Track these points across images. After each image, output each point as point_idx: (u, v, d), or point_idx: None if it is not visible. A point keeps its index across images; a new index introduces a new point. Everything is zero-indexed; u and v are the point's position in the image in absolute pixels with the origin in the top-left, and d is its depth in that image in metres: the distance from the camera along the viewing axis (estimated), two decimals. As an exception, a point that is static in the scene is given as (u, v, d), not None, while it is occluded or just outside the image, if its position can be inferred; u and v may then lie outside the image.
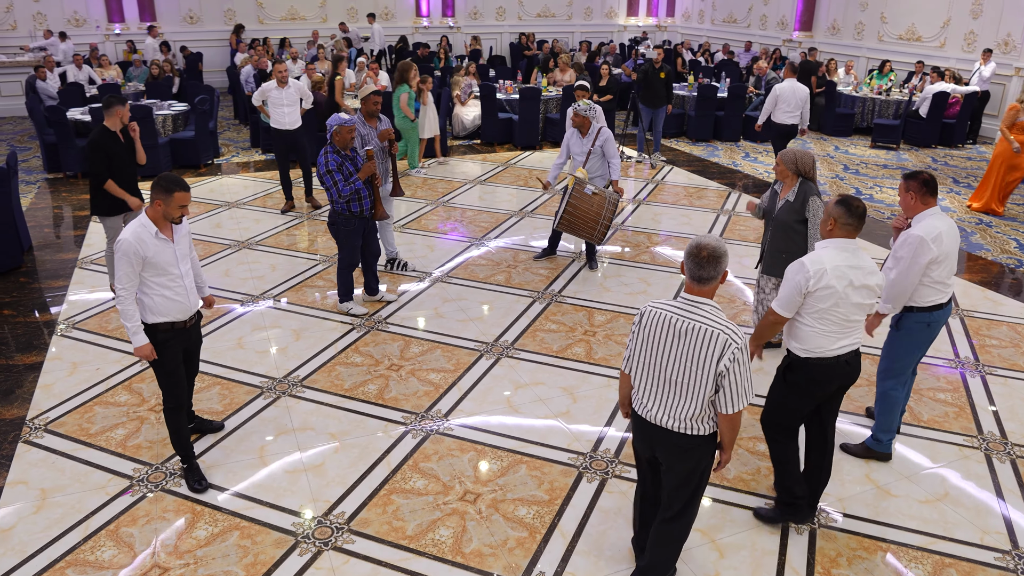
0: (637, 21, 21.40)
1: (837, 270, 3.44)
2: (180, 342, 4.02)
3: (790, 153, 5.04)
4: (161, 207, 3.79)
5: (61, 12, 16.15)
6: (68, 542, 3.74)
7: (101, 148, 5.77)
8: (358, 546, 3.72)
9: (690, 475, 3.16)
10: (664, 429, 3.09)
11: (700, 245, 2.94)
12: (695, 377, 2.95)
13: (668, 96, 11.13)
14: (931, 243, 3.95)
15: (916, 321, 4.18)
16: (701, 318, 2.94)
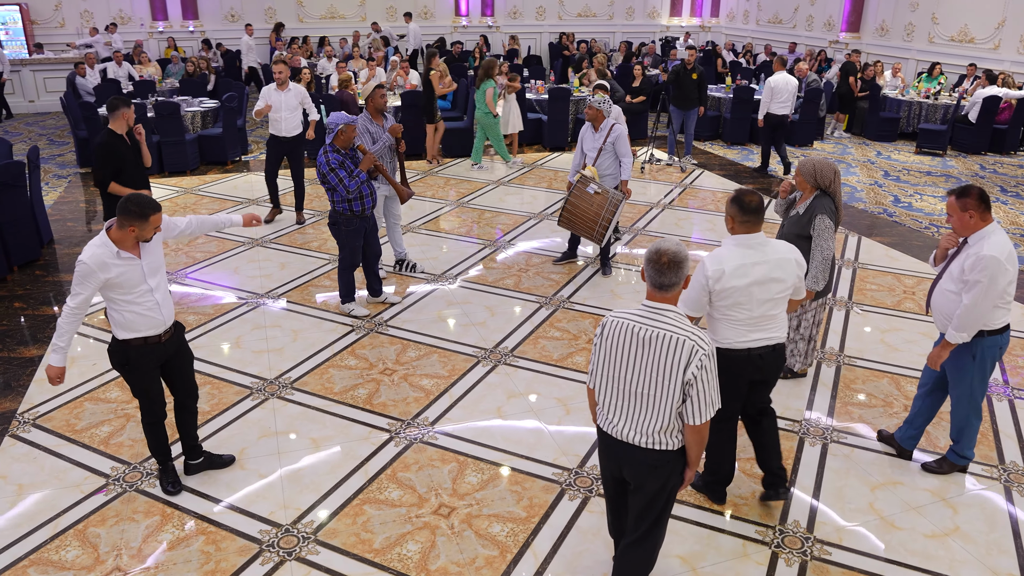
0: (680, 21, 21.00)
1: (739, 269, 3.42)
2: (155, 358, 3.80)
3: (809, 164, 4.73)
4: (135, 232, 3.57)
5: (107, 10, 16.53)
6: (35, 540, 3.71)
7: (107, 152, 5.61)
8: (321, 557, 3.60)
9: (658, 495, 2.99)
10: (631, 445, 2.93)
11: (660, 251, 2.81)
12: (661, 387, 2.81)
13: (700, 98, 10.83)
14: (1005, 262, 3.70)
15: (990, 346, 3.92)
16: (665, 325, 2.81)
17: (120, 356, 3.77)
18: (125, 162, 5.67)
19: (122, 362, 3.79)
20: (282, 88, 7.79)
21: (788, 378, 5.23)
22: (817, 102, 12.14)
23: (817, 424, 4.73)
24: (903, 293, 6.72)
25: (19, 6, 15.25)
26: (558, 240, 7.72)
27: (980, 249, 3.73)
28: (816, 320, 5.01)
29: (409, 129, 11.15)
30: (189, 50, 16.96)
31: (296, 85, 7.94)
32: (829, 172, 4.68)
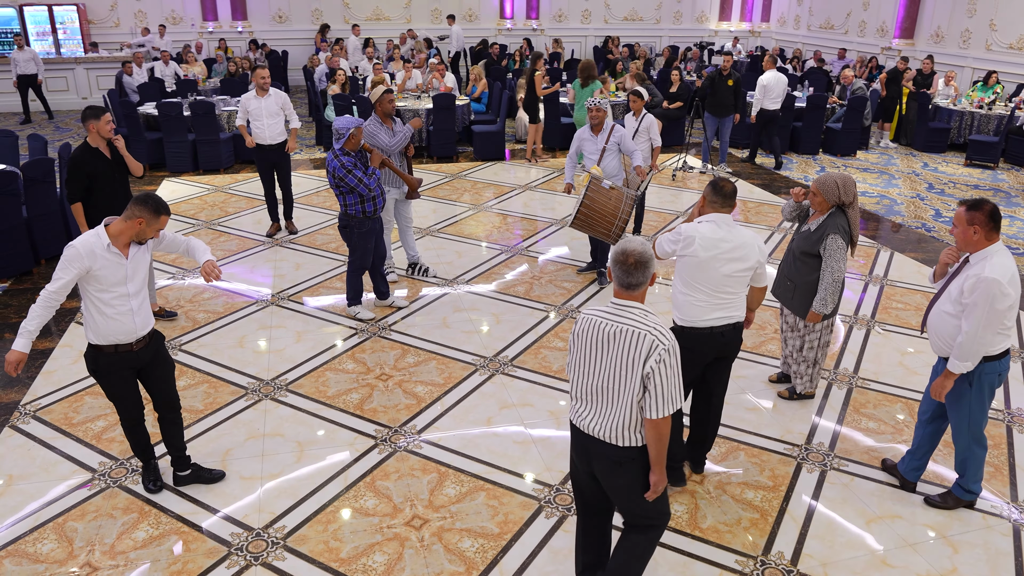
0: (729, 26, 20.61)
1: (707, 240, 3.73)
2: (127, 366, 3.75)
3: (831, 181, 4.49)
4: (142, 225, 3.59)
5: (160, 10, 17.01)
6: (16, 531, 3.78)
7: (75, 167, 5.24)
8: (287, 564, 3.59)
9: (629, 494, 3.03)
10: (598, 440, 2.98)
11: (626, 252, 2.88)
12: (624, 381, 2.87)
13: (736, 105, 10.57)
14: (1007, 286, 3.48)
15: (989, 372, 3.70)
16: (629, 321, 2.88)
17: (91, 362, 3.74)
18: (98, 177, 5.29)
19: (92, 368, 3.76)
20: (262, 94, 7.46)
21: (793, 399, 5.04)
22: (861, 111, 11.74)
23: (818, 450, 4.53)
24: (931, 313, 6.40)
25: (76, 6, 15.81)
26: (576, 247, 7.61)
27: (982, 270, 3.52)
28: (822, 342, 4.80)
29: (439, 132, 11.20)
30: (238, 50, 17.34)
31: (277, 91, 7.60)
32: (853, 187, 4.48)
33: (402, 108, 11.33)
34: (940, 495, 4.09)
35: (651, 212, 8.84)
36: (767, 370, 5.41)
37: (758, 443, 4.59)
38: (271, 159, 7.67)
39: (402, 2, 18.81)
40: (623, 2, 19.96)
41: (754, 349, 5.71)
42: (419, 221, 8.43)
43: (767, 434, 4.68)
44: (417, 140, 11.52)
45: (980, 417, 3.82)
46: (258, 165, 7.77)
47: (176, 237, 4.00)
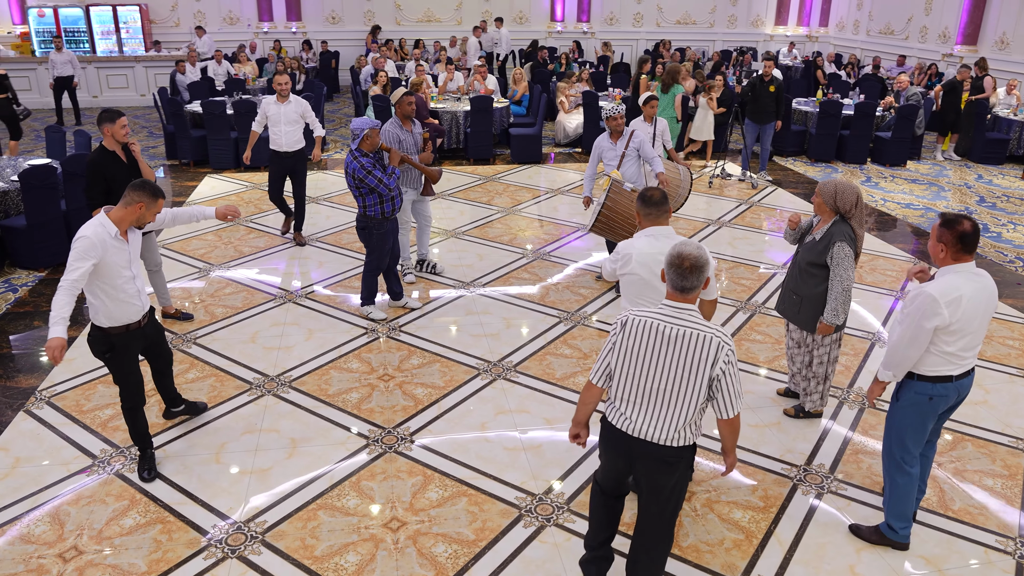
0: (786, 30, 20.13)
1: (644, 257, 3.66)
2: (136, 343, 4.05)
3: (830, 185, 4.40)
4: (142, 210, 3.82)
5: (218, 11, 17.54)
6: (13, 512, 3.94)
7: (94, 171, 5.28)
8: (262, 559, 3.65)
9: (671, 492, 3.07)
10: (647, 442, 2.99)
11: (683, 255, 2.90)
12: (687, 383, 2.90)
13: (778, 111, 10.31)
14: (943, 306, 3.29)
15: (916, 392, 3.51)
16: (691, 324, 2.90)
17: (103, 344, 3.96)
18: (115, 180, 5.25)
19: (105, 349, 3.97)
20: (282, 100, 7.36)
21: (800, 418, 4.89)
22: (912, 119, 11.32)
23: (817, 471, 4.38)
24: (961, 333, 6.13)
25: (139, 6, 16.42)
26: (597, 253, 7.54)
27: (928, 284, 3.36)
28: (832, 357, 4.64)
29: (476, 134, 11.23)
30: (292, 51, 17.74)
31: (298, 99, 7.51)
32: (851, 196, 4.34)
33: (440, 110, 11.43)
34: (868, 526, 3.89)
35: (681, 219, 8.70)
36: (775, 385, 5.27)
37: (755, 461, 4.47)
38: (287, 166, 7.51)
39: (453, 4, 18.96)
40: (676, 5, 19.71)
41: (764, 363, 5.56)
42: (446, 223, 8.48)
43: (766, 452, 4.55)
44: (454, 142, 11.59)
45: (905, 439, 3.60)
46: (271, 170, 7.60)
47: (179, 210, 4.34)
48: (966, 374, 3.51)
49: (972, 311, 3.34)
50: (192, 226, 8.32)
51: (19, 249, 6.96)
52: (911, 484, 3.68)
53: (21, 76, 14.76)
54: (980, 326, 3.41)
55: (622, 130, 6.55)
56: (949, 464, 4.48)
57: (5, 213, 7.02)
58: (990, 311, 3.42)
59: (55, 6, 15.86)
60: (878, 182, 10.77)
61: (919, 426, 3.57)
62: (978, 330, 3.42)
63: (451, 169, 10.90)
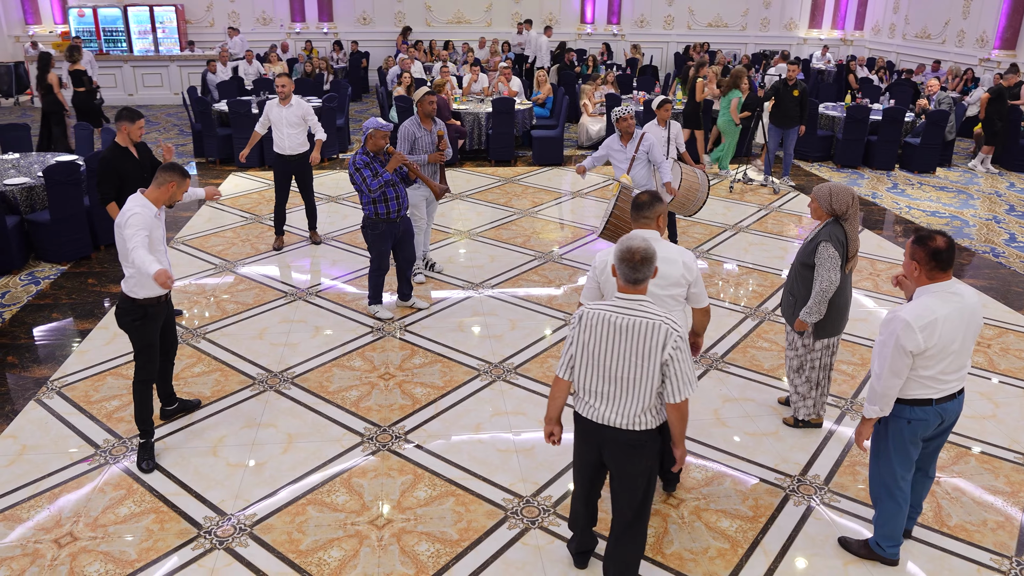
0: (820, 34, 19.82)
1: None
2: (161, 314, 4.35)
3: (824, 189, 4.36)
4: (173, 188, 4.21)
5: (252, 11, 17.84)
6: (16, 497, 4.07)
7: (106, 168, 5.47)
8: (248, 551, 3.72)
9: (639, 476, 3.19)
10: (612, 428, 3.13)
11: (632, 250, 3.02)
12: (641, 370, 3.02)
13: (802, 116, 10.17)
14: (917, 331, 3.18)
15: (895, 415, 3.41)
16: (641, 313, 3.02)
17: (137, 312, 4.22)
18: (128, 177, 5.46)
19: (138, 317, 4.23)
20: (284, 103, 7.30)
21: (799, 427, 4.83)
22: (942, 125, 11.08)
23: (811, 483, 4.33)
24: (976, 345, 6.00)
25: (175, 6, 16.77)
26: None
27: (901, 308, 3.27)
28: (822, 364, 4.58)
29: (498, 136, 11.26)
30: (323, 51, 17.96)
31: (300, 101, 7.41)
32: (846, 197, 4.28)
33: (462, 111, 11.49)
34: (858, 540, 3.82)
35: (699, 224, 8.64)
36: (777, 393, 5.21)
37: (748, 470, 4.42)
38: (290, 169, 7.47)
39: (483, 6, 19.03)
40: (708, 8, 19.53)
41: (768, 371, 5.50)
42: (461, 224, 8.53)
43: (760, 461, 4.50)
44: (476, 143, 11.64)
45: (889, 467, 3.50)
46: (276, 174, 7.53)
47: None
48: (950, 398, 3.39)
49: (950, 333, 3.23)
50: (213, 223, 8.49)
51: (43, 243, 7.17)
52: (898, 508, 3.59)
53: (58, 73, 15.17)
54: (962, 347, 3.30)
55: (632, 132, 6.53)
56: (949, 479, 4.39)
57: (31, 208, 7.23)
58: (973, 330, 3.31)
59: (94, 6, 16.28)
60: (905, 189, 10.56)
61: (902, 450, 3.47)
62: (960, 351, 3.30)
63: (472, 170, 10.96)
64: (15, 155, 8.38)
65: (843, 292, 4.43)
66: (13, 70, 15.72)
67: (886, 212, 9.51)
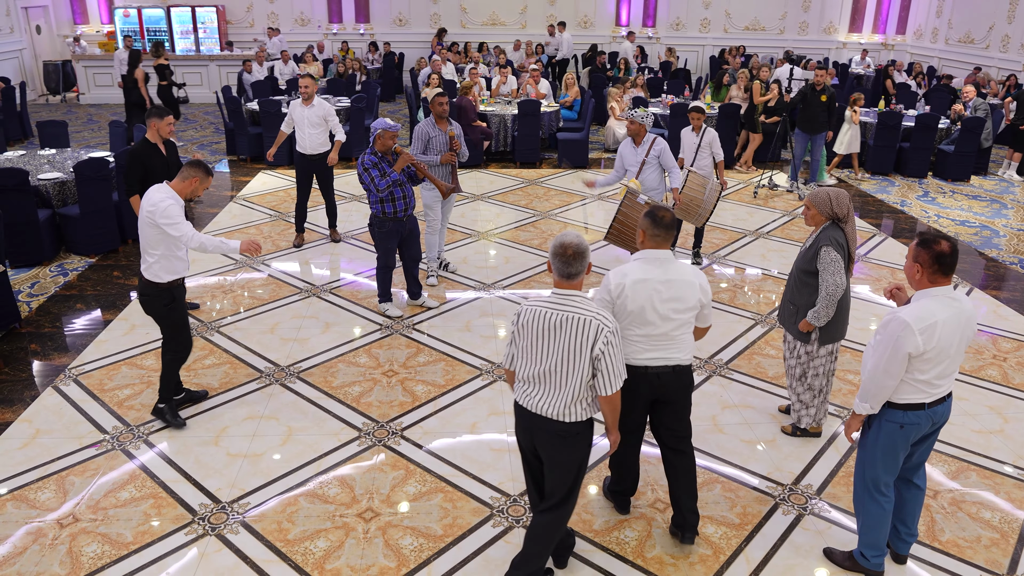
0: (860, 38, 19.46)
1: (639, 284, 3.47)
2: (184, 294, 4.74)
3: (823, 194, 4.32)
4: (195, 183, 4.50)
5: (290, 11, 18.18)
6: (25, 479, 4.26)
7: (133, 161, 5.70)
8: (238, 538, 3.83)
9: (569, 465, 3.29)
10: (544, 418, 3.22)
11: (565, 245, 3.10)
12: (573, 364, 3.12)
13: (830, 121, 10.04)
14: (917, 333, 3.16)
15: (887, 419, 3.39)
16: (573, 309, 3.11)
17: (166, 296, 4.56)
18: (153, 172, 5.65)
19: (169, 300, 4.58)
20: (306, 103, 7.48)
21: (797, 436, 4.79)
22: (978, 132, 10.81)
23: (803, 492, 4.29)
24: (991, 358, 5.88)
25: (216, 7, 17.18)
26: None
27: (901, 310, 3.24)
28: (825, 371, 4.54)
29: (523, 137, 11.31)
30: (359, 51, 18.23)
31: (322, 101, 7.58)
32: (846, 200, 4.28)
33: (489, 113, 11.57)
34: (842, 551, 3.78)
35: (720, 229, 8.59)
36: (778, 401, 5.17)
37: (740, 477, 4.41)
38: (312, 168, 7.66)
39: (518, 8, 19.10)
40: (745, 11, 19.32)
41: (772, 379, 5.46)
42: (480, 225, 8.61)
43: (753, 469, 4.48)
44: (502, 145, 11.71)
45: (877, 465, 3.46)
46: (297, 173, 7.73)
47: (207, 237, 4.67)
48: (940, 401, 3.38)
49: (948, 337, 3.22)
50: (239, 219, 8.70)
51: (73, 236, 7.44)
52: (882, 513, 3.55)
53: (104, 72, 15.68)
54: (956, 353, 3.28)
55: (642, 136, 6.54)
56: (947, 493, 4.32)
57: (63, 202, 7.51)
58: (967, 337, 3.29)
59: (139, 7, 16.77)
60: (936, 197, 10.34)
61: (891, 454, 3.45)
62: (954, 357, 3.29)
63: (497, 172, 11.03)
64: (51, 151, 8.70)
65: (844, 297, 4.40)
66: (60, 68, 16.28)
67: (913, 221, 9.33)
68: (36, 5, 16.71)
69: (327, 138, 7.68)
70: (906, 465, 3.58)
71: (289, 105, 7.71)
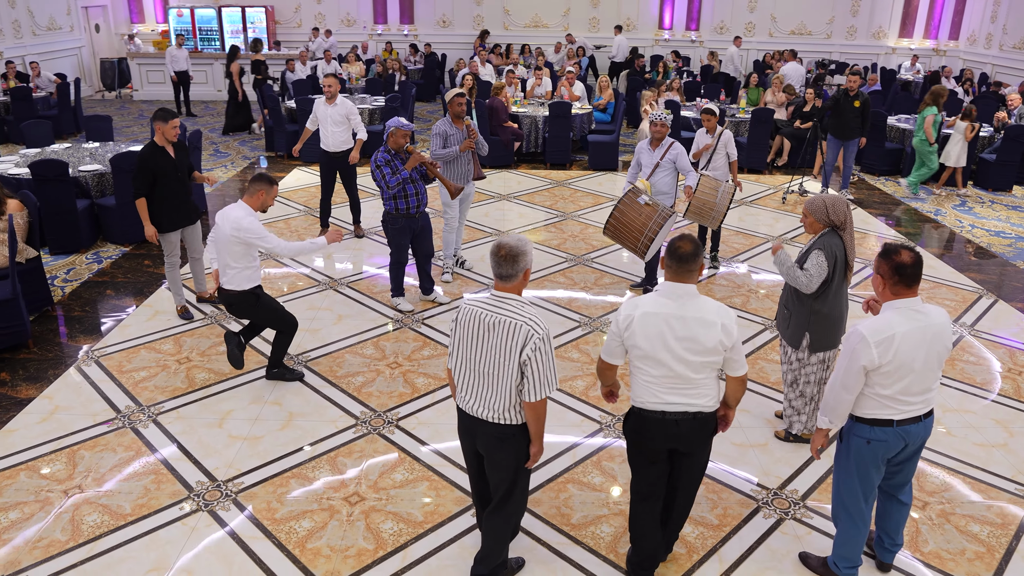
0: (910, 43, 18.98)
1: (649, 317, 3.17)
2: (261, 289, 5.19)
3: (819, 201, 4.30)
4: (263, 196, 4.87)
5: (337, 12, 18.60)
6: (40, 451, 4.52)
7: (141, 164, 5.72)
8: (228, 514, 4.02)
9: (507, 465, 3.30)
10: (481, 420, 3.24)
11: (499, 245, 3.13)
12: (503, 368, 3.11)
13: (863, 128, 9.87)
14: (873, 346, 3.11)
15: (855, 434, 3.35)
16: (507, 312, 3.09)
17: (251, 297, 5.02)
18: (163, 174, 5.77)
19: (253, 301, 5.04)
20: (330, 102, 7.72)
21: (789, 441, 4.78)
22: (1022, 141, 10.49)
23: (788, 497, 4.29)
24: (1007, 371, 5.75)
25: (265, 8, 17.67)
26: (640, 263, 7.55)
27: (861, 322, 3.21)
28: (818, 379, 4.52)
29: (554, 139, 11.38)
30: (403, 52, 18.53)
31: (344, 101, 7.81)
32: (843, 207, 4.25)
33: (520, 114, 11.68)
34: (817, 557, 3.75)
35: (739, 233, 8.54)
36: (775, 405, 5.15)
37: (726, 480, 4.42)
38: (335, 165, 7.90)
39: (560, 10, 19.18)
40: (791, 15, 19.04)
41: (772, 385, 5.44)
42: (502, 224, 8.72)
43: (742, 472, 4.49)
44: (533, 146, 11.81)
45: (849, 486, 3.42)
46: (321, 169, 8.00)
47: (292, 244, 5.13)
48: (915, 420, 3.30)
49: (909, 351, 3.14)
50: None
51: (110, 225, 7.80)
52: (856, 531, 3.51)
53: (156, 69, 16.27)
54: (925, 367, 3.19)
55: (662, 138, 6.57)
56: (936, 505, 4.27)
57: (101, 192, 7.88)
58: (936, 351, 3.20)
59: (192, 7, 17.36)
60: (973, 207, 10.07)
61: (862, 471, 3.39)
62: (923, 372, 3.20)
63: (526, 172, 11.13)
64: (95, 144, 9.12)
65: (838, 305, 4.38)
66: (116, 65, 16.96)
67: (945, 230, 9.11)
68: (96, 5, 17.45)
69: (350, 136, 7.90)
70: (890, 483, 3.55)
71: (314, 104, 7.88)
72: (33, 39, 15.45)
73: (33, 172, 7.11)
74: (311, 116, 7.95)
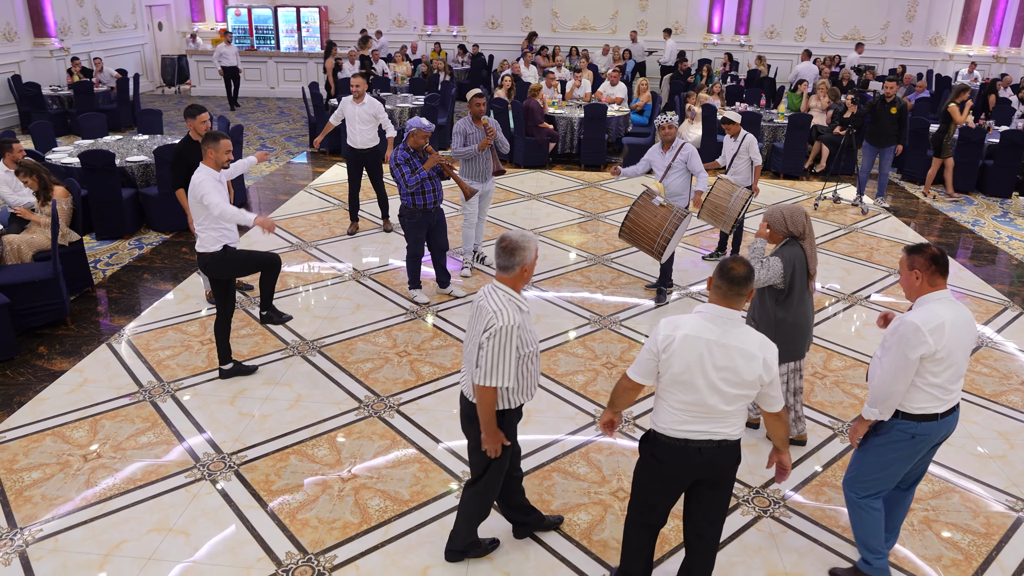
0: (969, 50, 18.40)
1: (689, 340, 2.93)
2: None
3: (777, 212, 4.36)
4: (212, 152, 4.94)
5: (388, 13, 19.02)
6: (66, 419, 4.88)
7: (177, 158, 6.05)
8: (229, 484, 4.28)
9: (476, 446, 3.48)
10: (464, 398, 3.49)
11: (503, 236, 3.29)
12: (472, 350, 3.32)
13: (900, 135, 9.70)
14: (927, 334, 3.17)
15: (898, 429, 3.39)
16: (491, 299, 3.27)
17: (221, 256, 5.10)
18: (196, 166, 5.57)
19: (223, 257, 5.10)
20: (358, 101, 7.96)
21: (767, 436, 4.82)
22: None
23: (769, 496, 4.35)
24: (1019, 384, 5.65)
25: (319, 8, 18.20)
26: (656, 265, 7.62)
27: (907, 314, 3.26)
28: (791, 388, 4.57)
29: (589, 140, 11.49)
30: (451, 53, 18.85)
31: (372, 100, 8.04)
32: (801, 217, 4.33)
33: (557, 115, 11.81)
34: (845, 569, 3.78)
35: (763, 239, 8.51)
36: (770, 410, 5.19)
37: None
38: (361, 161, 8.20)
39: (608, 13, 19.23)
40: (844, 19, 18.69)
41: (772, 388, 5.47)
42: (528, 223, 8.88)
43: (726, 470, 4.55)
44: (568, 147, 11.93)
45: (873, 476, 3.47)
46: (348, 166, 8.32)
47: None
48: (951, 411, 3.38)
49: (955, 339, 3.23)
50: (304, 207, 9.34)
51: (152, 213, 8.24)
52: (877, 518, 3.56)
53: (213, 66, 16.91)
54: (963, 357, 3.30)
55: (672, 140, 6.65)
56: (921, 511, 4.27)
57: (146, 182, 8.32)
58: (970, 341, 3.31)
59: (249, 6, 17.99)
60: (1014, 218, 9.81)
61: (897, 465, 3.45)
62: (961, 361, 3.30)
63: (560, 173, 11.27)
64: (144, 136, 9.61)
65: (804, 314, 4.42)
66: (176, 62, 17.70)
67: (980, 241, 8.91)
68: (159, 3, 18.25)
69: (376, 134, 8.17)
70: (909, 475, 3.60)
71: (340, 101, 8.22)
72: (99, 36, 16.26)
73: (82, 161, 7.57)
74: (336, 111, 8.27)
